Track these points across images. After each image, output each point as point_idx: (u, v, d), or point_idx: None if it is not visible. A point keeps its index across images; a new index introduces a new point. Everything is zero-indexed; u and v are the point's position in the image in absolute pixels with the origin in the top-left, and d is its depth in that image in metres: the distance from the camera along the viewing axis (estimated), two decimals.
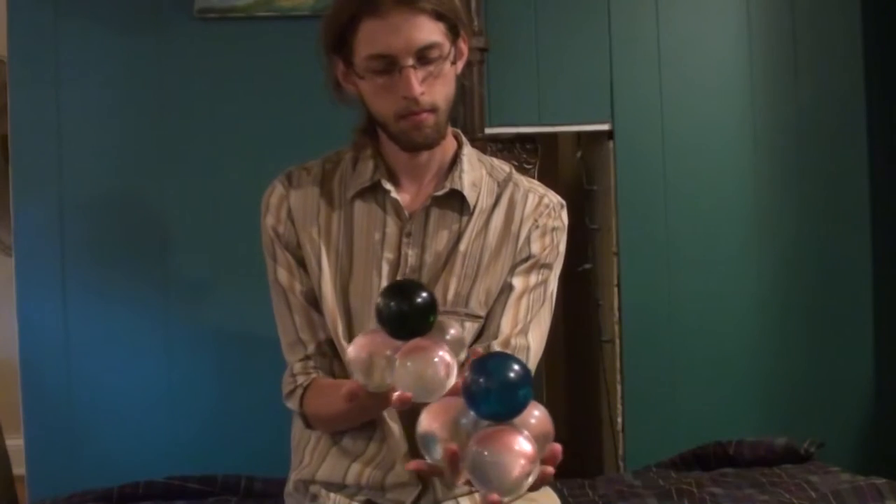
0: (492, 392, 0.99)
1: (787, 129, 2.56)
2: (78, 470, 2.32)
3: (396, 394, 1.11)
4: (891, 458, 2.53)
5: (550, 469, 1.04)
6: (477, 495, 1.47)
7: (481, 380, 0.99)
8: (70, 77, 2.38)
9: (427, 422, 1.05)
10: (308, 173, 1.51)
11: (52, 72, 2.37)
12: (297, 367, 1.48)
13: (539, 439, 1.02)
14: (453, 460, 1.01)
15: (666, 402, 2.52)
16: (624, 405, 2.55)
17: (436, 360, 1.08)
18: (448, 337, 1.15)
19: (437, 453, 1.03)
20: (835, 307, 2.57)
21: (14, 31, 2.38)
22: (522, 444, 0.99)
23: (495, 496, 0.99)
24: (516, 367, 1.00)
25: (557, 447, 1.05)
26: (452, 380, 1.09)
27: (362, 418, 1.45)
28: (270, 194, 1.51)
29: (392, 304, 1.12)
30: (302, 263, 1.48)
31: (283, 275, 1.49)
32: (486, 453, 0.98)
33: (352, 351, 1.15)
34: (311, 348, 1.47)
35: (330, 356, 1.48)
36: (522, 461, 0.98)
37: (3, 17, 2.45)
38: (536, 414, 1.04)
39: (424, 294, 1.13)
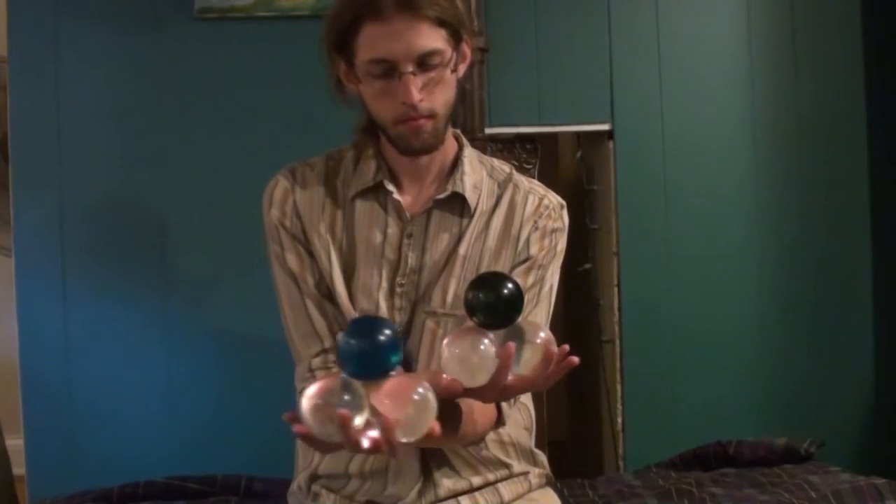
0: (359, 353, 1.05)
1: (787, 129, 2.56)
2: (78, 470, 2.32)
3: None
4: (891, 458, 2.53)
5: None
6: (477, 494, 1.48)
7: (352, 341, 1.05)
8: (70, 77, 2.38)
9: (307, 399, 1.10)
10: (312, 169, 1.50)
11: (52, 72, 2.37)
12: (316, 361, 1.44)
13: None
14: (307, 437, 1.11)
15: (666, 402, 2.52)
16: (624, 405, 2.55)
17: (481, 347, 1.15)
18: (538, 340, 1.19)
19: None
20: (835, 307, 2.57)
21: (14, 31, 2.38)
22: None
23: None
24: (387, 330, 1.06)
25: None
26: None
27: None
28: (274, 188, 1.49)
29: (481, 294, 1.15)
30: (311, 255, 1.47)
31: (293, 261, 1.46)
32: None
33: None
34: (327, 342, 1.44)
35: None
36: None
37: (3, 17, 2.45)
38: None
39: (510, 285, 1.17)
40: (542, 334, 1.19)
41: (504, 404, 1.42)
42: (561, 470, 1.65)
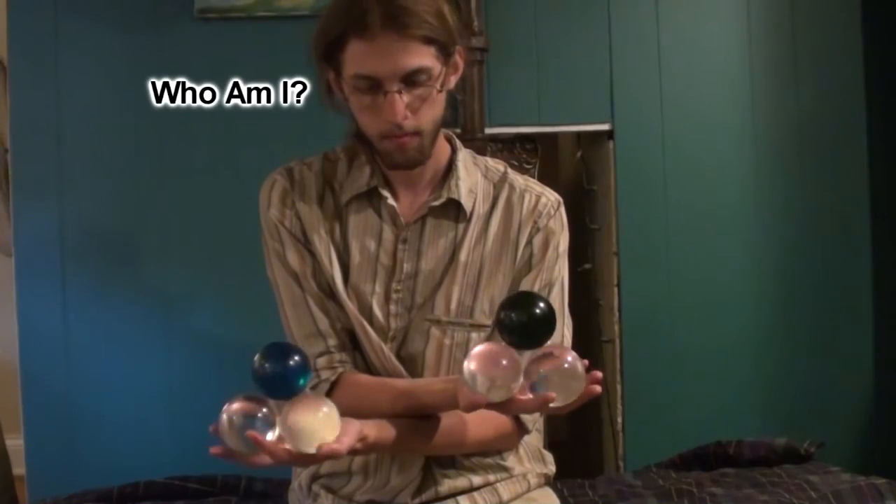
0: (272, 376, 1.16)
1: (787, 130, 2.56)
2: (78, 470, 2.32)
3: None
4: (891, 458, 2.53)
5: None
6: (476, 494, 1.48)
7: (266, 365, 1.16)
8: (70, 77, 2.38)
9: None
10: (309, 169, 1.50)
11: (52, 72, 2.37)
12: (321, 361, 1.43)
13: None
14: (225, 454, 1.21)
15: (666, 402, 2.52)
16: (624, 405, 2.55)
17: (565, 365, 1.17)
18: (566, 365, 1.19)
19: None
20: (835, 307, 2.57)
21: (14, 31, 2.38)
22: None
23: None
24: (297, 356, 1.17)
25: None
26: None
27: (407, 416, 1.40)
28: (272, 188, 1.48)
29: (513, 315, 1.17)
30: (312, 254, 1.46)
31: (294, 260, 1.45)
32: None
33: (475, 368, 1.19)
34: (331, 342, 1.43)
35: (350, 349, 1.46)
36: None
37: (3, 17, 2.45)
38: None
39: (542, 304, 1.17)
40: (569, 359, 1.19)
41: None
42: (561, 470, 1.65)
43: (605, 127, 2.53)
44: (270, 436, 1.18)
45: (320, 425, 1.17)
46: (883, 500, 1.80)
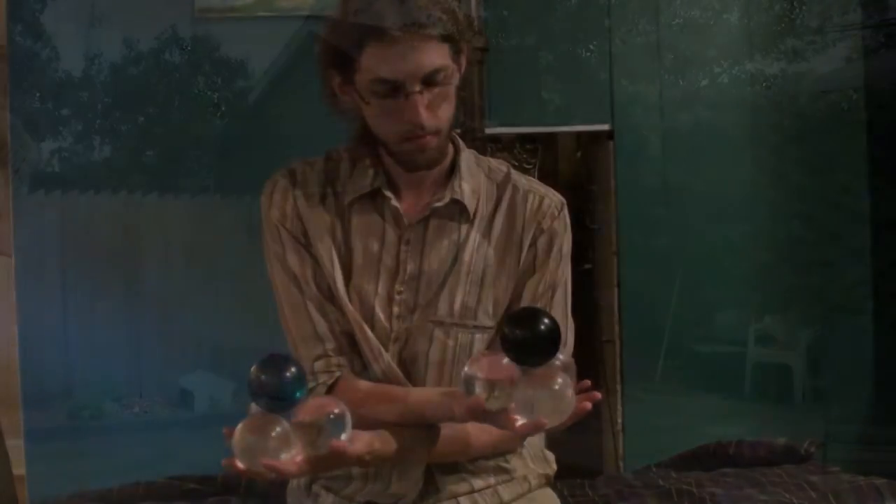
0: (271, 387, 1.16)
1: (787, 129, 2.56)
2: (78, 470, 2.32)
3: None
4: (891, 458, 2.53)
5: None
6: (477, 495, 1.47)
7: (263, 377, 1.16)
8: (70, 76, 2.38)
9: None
10: (312, 168, 1.49)
11: (53, 71, 2.37)
12: (319, 364, 1.41)
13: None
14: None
15: (666, 402, 2.52)
16: (624, 405, 2.55)
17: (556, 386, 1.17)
18: (556, 387, 1.18)
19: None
20: (835, 307, 2.57)
21: (14, 31, 2.38)
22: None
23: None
24: (293, 368, 1.17)
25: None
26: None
27: (403, 424, 1.39)
28: (273, 189, 1.47)
29: (518, 331, 1.16)
30: (312, 256, 1.46)
31: (294, 262, 1.44)
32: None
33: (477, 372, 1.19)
34: (329, 345, 1.42)
35: (349, 353, 1.45)
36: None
37: (3, 17, 2.45)
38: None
39: (547, 321, 1.17)
40: (559, 380, 1.18)
41: None
42: (561, 470, 1.64)
43: (605, 127, 2.53)
44: (285, 455, 1.17)
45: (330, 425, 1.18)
46: (883, 500, 1.80)
